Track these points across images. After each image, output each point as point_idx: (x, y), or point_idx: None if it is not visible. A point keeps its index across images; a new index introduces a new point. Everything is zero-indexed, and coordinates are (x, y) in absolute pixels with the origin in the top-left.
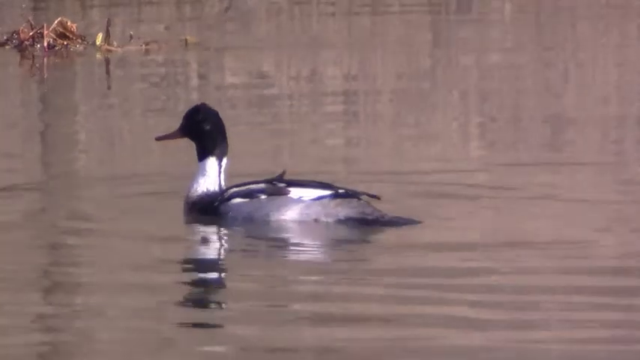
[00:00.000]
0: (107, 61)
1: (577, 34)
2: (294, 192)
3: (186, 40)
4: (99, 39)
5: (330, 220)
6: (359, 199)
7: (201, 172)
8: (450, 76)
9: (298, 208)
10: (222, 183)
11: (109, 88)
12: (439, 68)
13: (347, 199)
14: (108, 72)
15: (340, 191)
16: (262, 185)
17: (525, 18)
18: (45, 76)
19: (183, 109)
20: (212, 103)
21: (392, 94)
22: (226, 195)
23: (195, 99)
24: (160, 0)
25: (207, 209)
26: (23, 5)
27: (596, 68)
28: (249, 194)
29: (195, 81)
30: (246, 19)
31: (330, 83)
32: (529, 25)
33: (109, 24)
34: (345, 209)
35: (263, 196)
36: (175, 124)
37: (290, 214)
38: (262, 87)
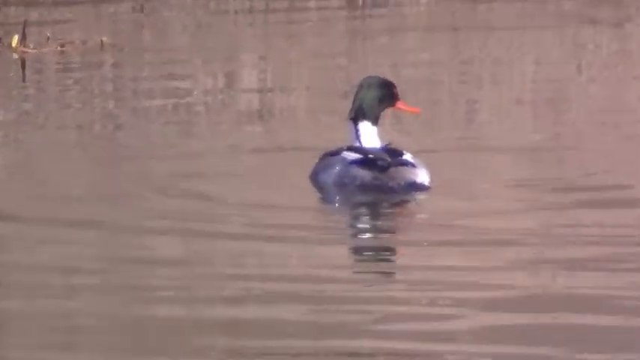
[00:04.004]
0: (23, 63)
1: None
2: (346, 154)
3: (101, 41)
4: (14, 41)
5: (349, 183)
6: (387, 166)
7: None
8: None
9: (331, 169)
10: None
11: (24, 89)
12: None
13: (369, 165)
14: (23, 74)
15: (370, 156)
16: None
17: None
18: None
19: (97, 111)
20: (127, 104)
21: (309, 105)
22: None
23: (110, 100)
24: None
25: None
26: None
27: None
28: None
29: (110, 83)
30: (163, 20)
31: (245, 87)
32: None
33: (25, 25)
34: (361, 174)
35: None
36: (89, 125)
37: (324, 176)
38: (177, 89)
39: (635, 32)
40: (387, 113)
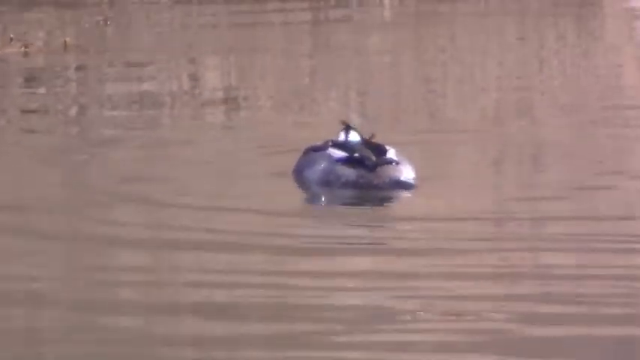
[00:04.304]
0: None
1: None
2: (332, 151)
3: (65, 42)
4: None
5: (334, 181)
6: (373, 166)
7: None
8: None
9: (317, 166)
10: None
11: None
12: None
13: (354, 164)
14: None
15: (355, 155)
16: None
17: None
18: None
19: (60, 112)
20: (91, 105)
21: (273, 99)
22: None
23: (73, 101)
24: (41, 1)
25: None
26: None
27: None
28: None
29: (73, 83)
30: (126, 22)
31: (210, 88)
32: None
33: None
34: (347, 173)
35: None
36: (53, 126)
37: (309, 172)
38: (142, 90)
39: (596, 24)
40: (354, 103)
